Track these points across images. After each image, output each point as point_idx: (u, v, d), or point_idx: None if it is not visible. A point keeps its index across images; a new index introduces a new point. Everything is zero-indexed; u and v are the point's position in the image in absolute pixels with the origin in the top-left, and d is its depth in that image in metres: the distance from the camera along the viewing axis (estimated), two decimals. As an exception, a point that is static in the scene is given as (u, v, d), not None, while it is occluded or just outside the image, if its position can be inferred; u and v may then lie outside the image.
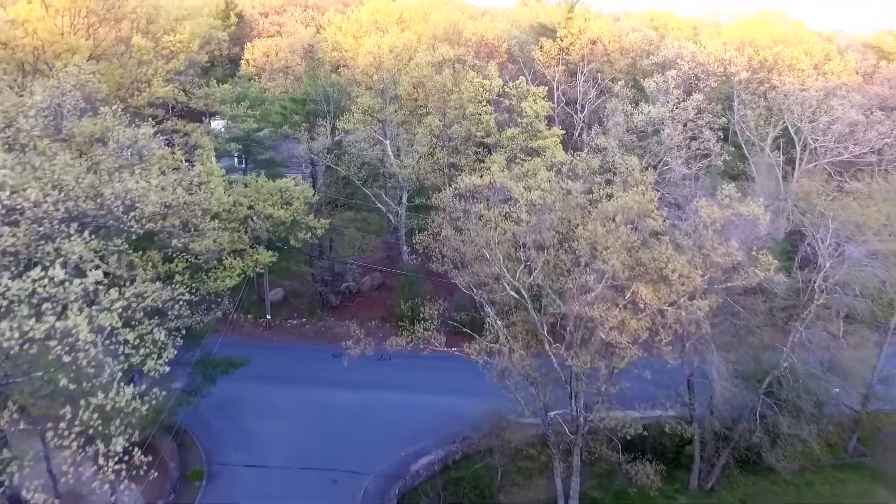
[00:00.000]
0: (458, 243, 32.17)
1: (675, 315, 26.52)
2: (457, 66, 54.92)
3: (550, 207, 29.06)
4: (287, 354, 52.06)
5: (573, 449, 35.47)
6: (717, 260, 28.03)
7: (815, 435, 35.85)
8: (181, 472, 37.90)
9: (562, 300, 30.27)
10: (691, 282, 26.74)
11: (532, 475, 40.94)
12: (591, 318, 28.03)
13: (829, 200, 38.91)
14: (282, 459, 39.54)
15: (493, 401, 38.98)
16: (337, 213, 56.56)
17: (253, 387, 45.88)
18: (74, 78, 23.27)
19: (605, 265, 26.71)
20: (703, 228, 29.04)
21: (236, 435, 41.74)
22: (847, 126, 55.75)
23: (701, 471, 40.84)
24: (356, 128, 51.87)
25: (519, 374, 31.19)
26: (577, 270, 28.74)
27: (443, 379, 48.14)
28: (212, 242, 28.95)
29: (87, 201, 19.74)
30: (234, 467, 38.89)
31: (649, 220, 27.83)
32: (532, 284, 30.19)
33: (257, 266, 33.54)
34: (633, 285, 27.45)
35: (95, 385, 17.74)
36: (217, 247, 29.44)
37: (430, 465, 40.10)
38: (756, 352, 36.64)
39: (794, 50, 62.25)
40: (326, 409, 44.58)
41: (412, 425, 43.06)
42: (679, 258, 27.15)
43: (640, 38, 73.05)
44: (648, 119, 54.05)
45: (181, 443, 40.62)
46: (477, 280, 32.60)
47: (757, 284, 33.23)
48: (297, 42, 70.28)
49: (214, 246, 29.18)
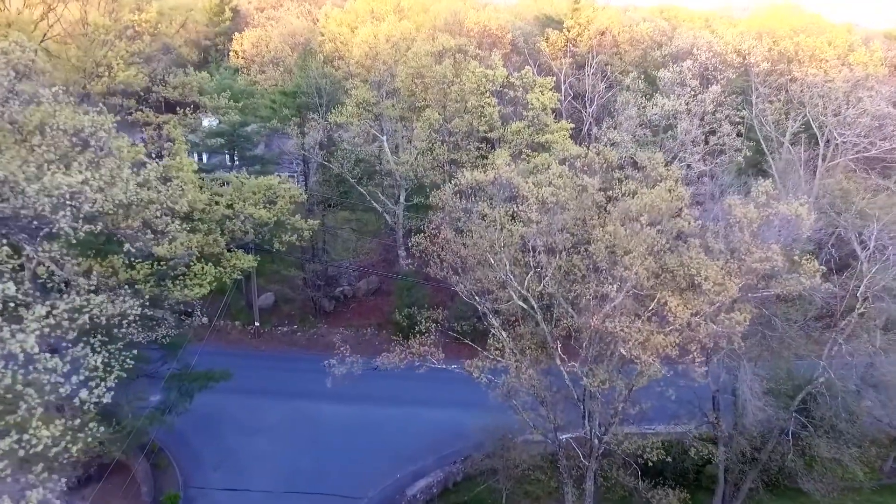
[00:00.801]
0: (459, 247, 28.64)
1: (706, 329, 22.97)
2: (458, 57, 51.35)
3: (564, 206, 25.53)
4: (276, 364, 48.72)
5: (586, 473, 31.93)
6: (753, 266, 24.46)
7: (857, 458, 32.21)
8: (154, 498, 34.45)
9: (575, 311, 26.73)
10: (726, 291, 23.18)
11: (540, 499, 37.51)
12: (611, 333, 24.48)
13: (868, 199, 35.25)
14: (265, 482, 36.15)
15: (498, 415, 35.59)
16: (330, 214, 53.14)
17: (237, 400, 42.54)
18: (5, 56, 19.86)
19: (626, 272, 23.16)
20: (738, 230, 25.45)
21: (217, 454, 38.34)
22: (875, 119, 52.04)
23: (725, 494, 37.29)
24: (349, 121, 48.34)
25: (527, 393, 27.63)
26: (593, 278, 25.18)
27: (443, 391, 44.36)
28: (179, 245, 25.53)
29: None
30: (212, 491, 35.48)
31: (678, 220, 24.26)
32: (542, 293, 26.64)
33: (235, 271, 30.01)
34: (659, 294, 23.89)
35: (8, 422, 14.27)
36: (186, 251, 26.03)
37: (429, 489, 36.62)
38: (789, 365, 33.02)
39: (816, 40, 58.60)
40: (317, 425, 41.20)
41: (409, 443, 39.67)
42: (712, 264, 23.59)
43: (652, 28, 69.46)
44: (663, 112, 50.43)
45: (156, 463, 37.25)
46: (480, 287, 29.09)
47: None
48: (288, 32, 66.72)
49: (182, 249, 25.77)
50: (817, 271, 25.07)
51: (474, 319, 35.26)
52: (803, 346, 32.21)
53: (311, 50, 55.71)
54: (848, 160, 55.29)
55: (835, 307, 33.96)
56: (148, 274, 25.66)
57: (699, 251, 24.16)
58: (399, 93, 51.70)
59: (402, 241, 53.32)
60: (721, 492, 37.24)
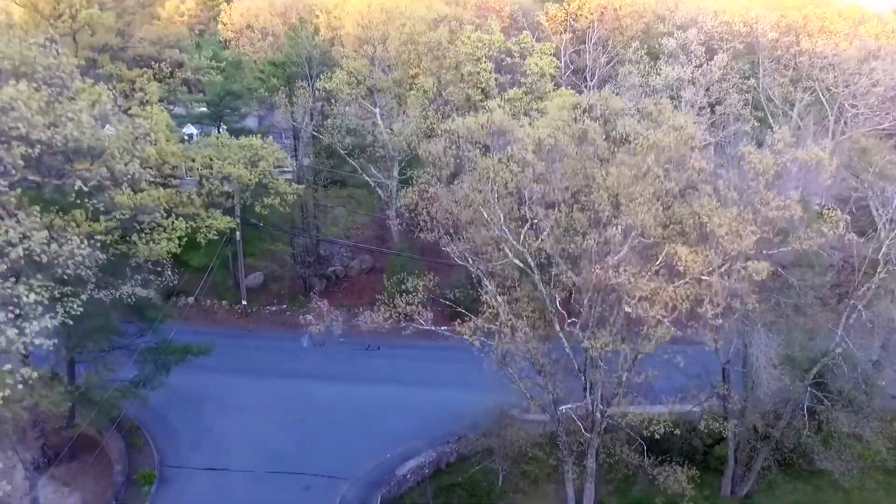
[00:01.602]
0: (451, 204, 26.50)
1: (721, 283, 20.82)
2: (453, 25, 49.22)
3: (563, 152, 23.38)
4: (263, 343, 46.67)
5: (588, 450, 29.82)
6: (771, 215, 22.31)
7: (879, 433, 30.06)
8: (127, 476, 32.35)
9: (576, 269, 24.59)
10: (741, 240, 21.04)
11: (539, 481, 35.36)
12: (614, 288, 22.36)
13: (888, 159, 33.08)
14: (247, 462, 34.05)
15: (495, 396, 33.56)
16: (322, 192, 51.04)
17: (222, 379, 40.54)
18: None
19: (631, 219, 21.02)
20: (752, 178, 23.30)
21: (197, 433, 36.24)
22: (889, 90, 49.89)
23: (735, 475, 35.20)
24: (339, 88, 46.20)
25: (523, 357, 25.51)
26: (594, 234, 23.06)
27: (437, 371, 42.94)
28: (146, 196, 23.45)
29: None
30: (190, 470, 33.37)
31: (690, 160, 22.05)
32: (539, 249, 24.52)
33: (211, 231, 27.91)
34: (668, 247, 21.75)
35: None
36: (153, 203, 23.92)
37: (420, 469, 34.48)
38: (806, 334, 30.87)
39: (826, 10, 56.45)
40: (304, 405, 39.13)
41: (401, 423, 37.58)
42: (725, 211, 21.46)
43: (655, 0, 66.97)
44: (667, 82, 48.26)
45: (131, 442, 35.16)
46: (473, 248, 26.97)
47: (805, 255, 27.69)
48: (280, 3, 64.54)
49: (148, 200, 23.65)
50: (840, 220, 22.94)
51: (470, 289, 33.17)
52: (820, 314, 30.04)
53: (302, 19, 53.61)
54: (860, 135, 53.16)
55: (853, 274, 31.76)
56: (111, 227, 23.57)
57: (711, 198, 22.02)
58: (392, 63, 49.55)
59: (395, 216, 51.24)
60: (731, 472, 35.14)
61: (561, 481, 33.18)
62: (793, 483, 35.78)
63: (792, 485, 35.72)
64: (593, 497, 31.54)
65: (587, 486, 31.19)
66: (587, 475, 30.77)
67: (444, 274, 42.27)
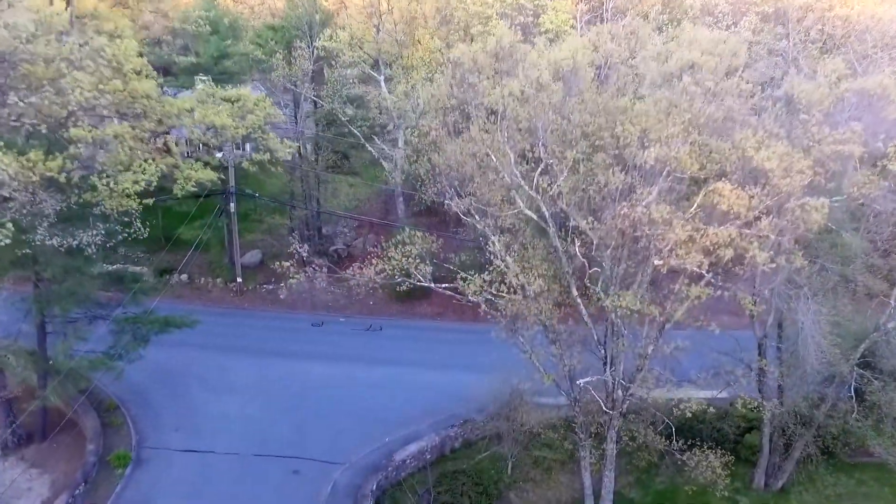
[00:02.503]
0: (456, 152, 23.38)
1: (774, 224, 17.52)
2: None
3: (583, 79, 20.15)
4: (257, 322, 43.89)
5: (608, 432, 26.58)
6: (827, 151, 18.97)
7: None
8: (100, 457, 29.53)
9: (596, 220, 21.39)
10: (796, 178, 17.73)
11: (552, 469, 32.23)
12: (641, 236, 19.16)
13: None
14: (232, 444, 31.19)
15: (503, 378, 30.51)
16: (321, 158, 48.23)
17: (211, 357, 37.93)
18: None
19: (664, 151, 17.79)
20: (803, 111, 19.98)
21: (180, 413, 33.43)
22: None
23: (770, 465, 31.80)
24: (341, 49, 43.25)
25: (536, 321, 22.32)
26: (620, 171, 19.88)
27: (443, 352, 40.12)
28: (106, 132, 20.56)
29: None
30: (169, 452, 30.53)
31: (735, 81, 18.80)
32: (556, 197, 21.34)
33: (190, 182, 25.05)
34: (706, 186, 18.51)
35: None
36: (114, 139, 21.02)
37: (421, 454, 31.38)
38: (854, 307, 27.44)
39: (863, -27, 52.59)
40: (298, 386, 36.25)
41: (402, 406, 34.57)
42: (776, 144, 18.18)
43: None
44: (692, 45, 44.67)
45: (108, 421, 32.35)
46: (481, 203, 23.86)
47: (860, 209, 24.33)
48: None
49: (109, 136, 20.75)
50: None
51: (475, 252, 30.09)
52: (871, 282, 26.60)
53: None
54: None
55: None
56: (68, 168, 20.71)
57: (756, 130, 18.74)
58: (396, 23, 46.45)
59: (400, 190, 48.24)
60: (765, 462, 31.74)
61: (576, 470, 30.04)
62: (835, 475, 32.29)
63: (834, 477, 32.21)
64: (612, 487, 28.30)
65: (605, 475, 27.98)
66: (606, 462, 27.55)
67: (448, 247, 39.42)
